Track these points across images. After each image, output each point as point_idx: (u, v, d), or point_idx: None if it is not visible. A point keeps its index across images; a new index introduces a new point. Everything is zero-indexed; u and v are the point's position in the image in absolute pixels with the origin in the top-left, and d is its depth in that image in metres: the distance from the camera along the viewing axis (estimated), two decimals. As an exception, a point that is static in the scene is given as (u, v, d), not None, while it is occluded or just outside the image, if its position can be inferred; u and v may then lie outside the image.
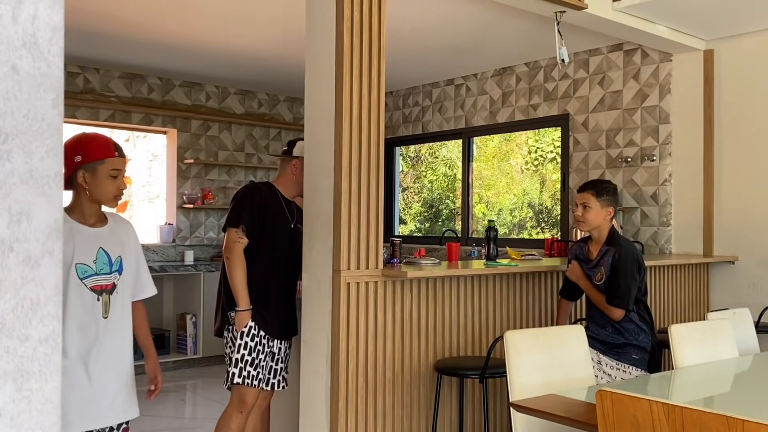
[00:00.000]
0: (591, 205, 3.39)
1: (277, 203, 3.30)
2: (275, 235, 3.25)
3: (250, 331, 3.17)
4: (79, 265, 2.30)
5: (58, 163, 0.73)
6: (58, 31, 0.73)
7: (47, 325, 0.72)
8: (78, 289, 2.30)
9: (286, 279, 3.31)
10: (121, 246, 2.44)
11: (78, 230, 2.34)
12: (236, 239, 3.15)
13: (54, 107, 0.72)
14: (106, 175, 2.35)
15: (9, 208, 0.69)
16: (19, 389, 0.70)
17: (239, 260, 3.14)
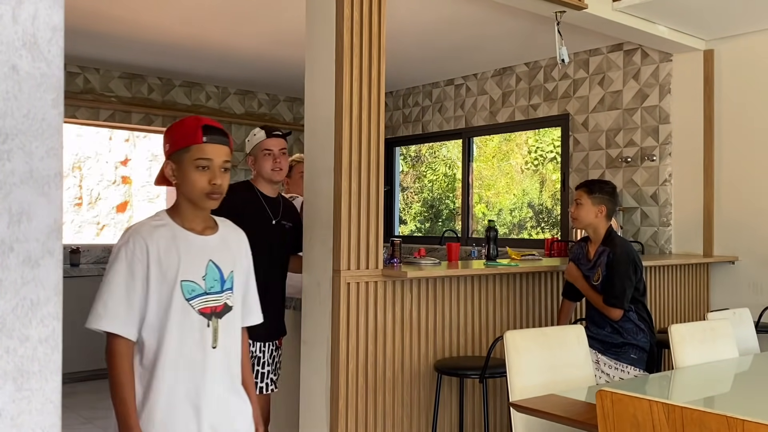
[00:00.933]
0: (582, 202, 3.43)
1: (256, 202, 3.13)
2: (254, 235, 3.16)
3: None
4: (185, 282, 1.88)
5: (58, 163, 0.73)
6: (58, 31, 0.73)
7: (47, 325, 0.72)
8: (184, 311, 1.87)
9: (268, 279, 3.08)
10: (233, 259, 2.02)
11: (183, 238, 1.92)
12: None
13: (54, 107, 0.72)
14: (191, 166, 1.90)
15: (9, 208, 0.69)
16: (19, 389, 0.70)
17: None
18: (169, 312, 1.86)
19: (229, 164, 1.95)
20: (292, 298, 3.61)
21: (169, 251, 1.88)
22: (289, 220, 3.21)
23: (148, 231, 1.89)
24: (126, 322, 1.84)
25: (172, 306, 1.86)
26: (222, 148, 1.93)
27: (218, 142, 1.93)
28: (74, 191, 7.00)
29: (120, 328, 1.83)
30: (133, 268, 1.85)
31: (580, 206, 3.44)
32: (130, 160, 7.30)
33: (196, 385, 1.88)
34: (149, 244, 1.86)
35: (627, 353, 3.30)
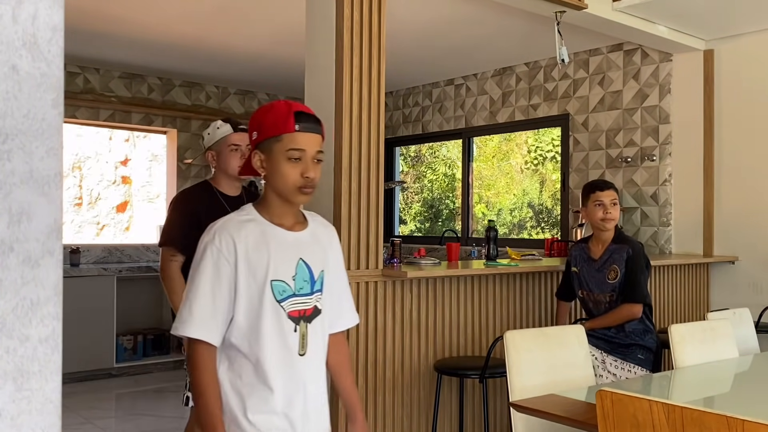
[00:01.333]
0: (617, 202, 3.45)
1: (216, 203, 2.94)
2: None
3: None
4: (276, 282, 1.71)
5: (57, 163, 0.73)
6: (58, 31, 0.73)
7: (47, 325, 0.72)
8: (276, 315, 1.71)
9: None
10: (324, 257, 1.84)
11: (273, 235, 1.75)
12: (169, 258, 2.88)
13: (54, 107, 0.72)
14: (282, 157, 1.71)
15: (9, 208, 0.69)
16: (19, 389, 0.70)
17: (175, 280, 2.85)
18: (261, 315, 1.70)
19: (322, 154, 1.77)
20: None
21: (259, 248, 1.71)
22: None
23: (236, 226, 1.73)
24: (211, 327, 1.69)
25: (263, 308, 1.70)
26: (315, 138, 1.74)
27: (311, 130, 1.73)
28: (74, 191, 7.00)
29: (205, 333, 1.69)
30: (220, 267, 1.70)
31: (617, 207, 3.44)
32: (130, 160, 7.30)
33: (287, 396, 1.73)
34: (237, 241, 1.70)
35: (634, 353, 3.30)
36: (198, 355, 1.70)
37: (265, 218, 1.77)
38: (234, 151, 2.94)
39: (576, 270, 3.54)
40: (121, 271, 6.06)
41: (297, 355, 1.74)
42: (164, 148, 7.28)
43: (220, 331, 1.71)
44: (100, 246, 6.53)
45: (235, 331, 1.71)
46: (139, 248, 6.73)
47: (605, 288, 3.39)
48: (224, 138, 2.95)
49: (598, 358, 3.28)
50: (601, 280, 3.42)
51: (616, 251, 3.39)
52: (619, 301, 3.35)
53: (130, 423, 4.68)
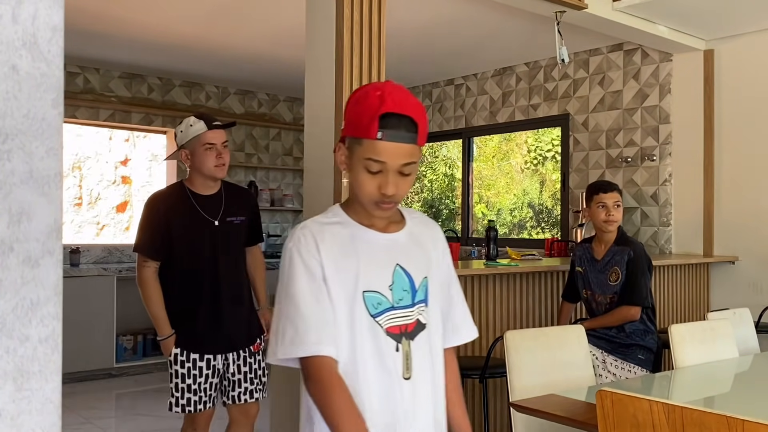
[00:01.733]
0: (621, 204, 3.44)
1: (187, 205, 2.83)
2: (191, 243, 2.82)
3: (176, 359, 2.82)
4: (369, 293, 1.45)
5: (57, 163, 0.73)
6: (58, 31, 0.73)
7: (47, 325, 0.72)
8: (371, 332, 1.44)
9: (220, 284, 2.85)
10: (426, 262, 1.58)
11: (363, 237, 1.50)
12: (142, 264, 2.81)
13: (54, 107, 0.72)
14: (360, 164, 1.45)
15: (9, 208, 0.69)
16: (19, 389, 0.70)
17: (149, 285, 2.79)
18: (353, 333, 1.43)
19: (413, 166, 1.51)
20: None
21: (347, 254, 1.46)
22: (239, 214, 2.92)
23: (318, 229, 1.48)
24: (329, 337, 1.41)
25: (355, 325, 1.43)
26: (402, 149, 1.44)
27: (399, 139, 1.43)
28: (74, 191, 7.00)
29: (326, 347, 1.39)
30: (314, 271, 1.44)
31: (620, 208, 3.43)
32: (130, 160, 7.30)
33: (391, 428, 1.45)
34: (320, 244, 1.45)
35: (634, 353, 3.30)
36: (324, 375, 1.39)
37: (353, 219, 1.51)
38: (209, 149, 2.79)
39: (581, 270, 3.53)
40: (121, 271, 6.06)
41: (401, 379, 1.46)
42: (164, 148, 7.28)
43: (335, 339, 1.42)
44: (100, 246, 6.54)
45: None
46: (139, 248, 6.72)
47: (607, 289, 3.39)
48: (198, 136, 2.80)
49: (598, 358, 3.28)
50: (603, 282, 3.42)
51: (618, 253, 3.39)
52: (619, 303, 3.35)
53: (130, 423, 4.68)
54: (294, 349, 1.40)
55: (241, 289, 2.94)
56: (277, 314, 1.47)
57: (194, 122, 2.82)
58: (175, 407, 2.84)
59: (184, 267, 2.82)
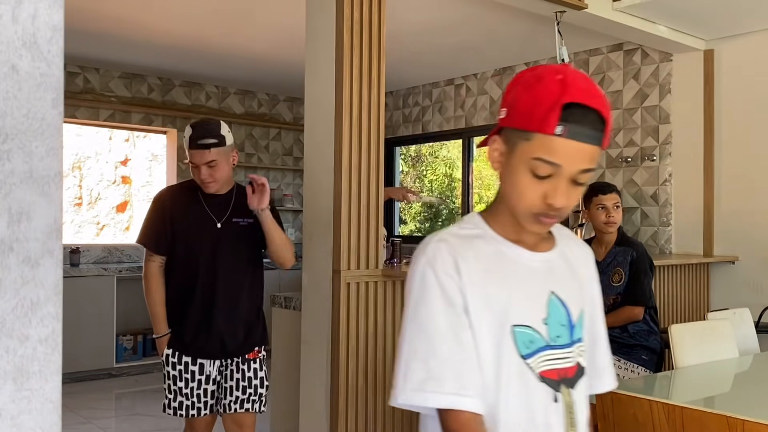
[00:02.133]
0: (620, 205, 3.44)
1: (193, 203, 2.77)
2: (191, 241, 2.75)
3: (168, 360, 2.78)
4: (519, 329, 1.17)
5: (58, 163, 0.73)
6: (58, 31, 0.73)
7: (47, 325, 0.72)
8: (521, 376, 1.16)
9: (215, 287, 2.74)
10: (581, 289, 1.29)
11: (510, 257, 1.22)
12: (148, 258, 2.79)
13: (54, 107, 0.72)
14: (523, 165, 1.17)
15: (9, 208, 0.69)
16: (19, 389, 0.70)
17: (152, 280, 2.76)
18: (498, 376, 1.15)
19: (590, 174, 1.17)
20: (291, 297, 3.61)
21: (490, 276, 1.17)
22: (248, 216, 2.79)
23: (457, 243, 1.19)
24: (469, 386, 1.12)
25: (502, 366, 1.15)
26: (584, 150, 1.12)
27: (583, 138, 1.11)
28: (74, 191, 7.00)
29: (469, 400, 1.12)
30: (452, 296, 1.15)
31: (619, 210, 3.43)
32: (130, 160, 7.30)
33: None
34: (461, 264, 1.17)
35: (638, 354, 3.30)
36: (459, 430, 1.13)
37: (497, 233, 1.23)
38: (193, 168, 2.71)
39: None
40: (121, 271, 6.06)
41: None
42: (164, 148, 7.28)
43: (480, 389, 1.14)
44: (100, 246, 6.54)
45: None
46: (139, 248, 6.72)
47: (609, 291, 3.39)
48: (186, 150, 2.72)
49: None
50: (605, 283, 3.41)
51: (620, 254, 3.39)
52: (623, 304, 3.35)
53: (130, 423, 4.68)
54: (425, 397, 1.14)
55: (240, 293, 2.79)
56: (404, 348, 1.17)
57: (187, 132, 2.70)
58: (167, 409, 2.84)
59: (182, 265, 2.76)
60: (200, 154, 2.66)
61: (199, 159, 2.67)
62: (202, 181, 2.70)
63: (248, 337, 2.81)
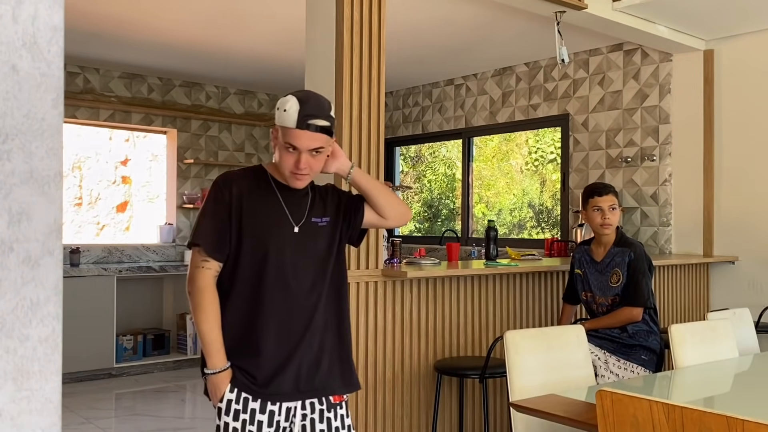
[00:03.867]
0: (616, 207, 3.43)
1: (267, 195, 2.12)
2: (264, 244, 2.08)
3: (229, 407, 2.05)
4: None
5: (58, 163, 0.73)
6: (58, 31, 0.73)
7: (47, 325, 0.72)
8: None
9: (295, 307, 2.10)
10: None
11: None
12: (199, 264, 2.05)
13: (54, 107, 0.72)
14: None
15: (9, 208, 0.69)
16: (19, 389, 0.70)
17: (207, 295, 2.04)
18: None
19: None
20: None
21: None
22: (325, 214, 2.18)
23: None
24: None
25: None
26: None
27: None
28: (74, 191, 7.00)
29: None
30: None
31: (616, 211, 3.42)
32: (130, 160, 7.30)
33: None
34: None
35: (638, 354, 3.31)
36: None
37: None
38: (289, 151, 2.04)
39: (580, 272, 3.54)
40: (121, 271, 6.06)
41: None
42: (164, 148, 7.28)
43: None
44: (100, 246, 6.54)
45: None
46: (139, 248, 6.73)
47: (608, 291, 3.40)
48: (284, 130, 2.06)
49: (601, 358, 3.28)
50: (603, 283, 3.42)
51: (618, 254, 3.39)
52: (621, 304, 3.35)
53: (130, 423, 4.68)
54: None
55: (340, 317, 2.19)
56: None
57: (289, 108, 2.04)
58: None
59: (249, 277, 2.07)
60: (309, 138, 2.02)
61: (306, 143, 2.02)
62: (294, 172, 2.04)
63: (339, 373, 2.16)
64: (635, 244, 3.44)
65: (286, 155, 2.05)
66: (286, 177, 2.08)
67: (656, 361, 3.34)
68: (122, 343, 6.12)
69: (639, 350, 3.31)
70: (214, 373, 2.06)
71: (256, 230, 2.07)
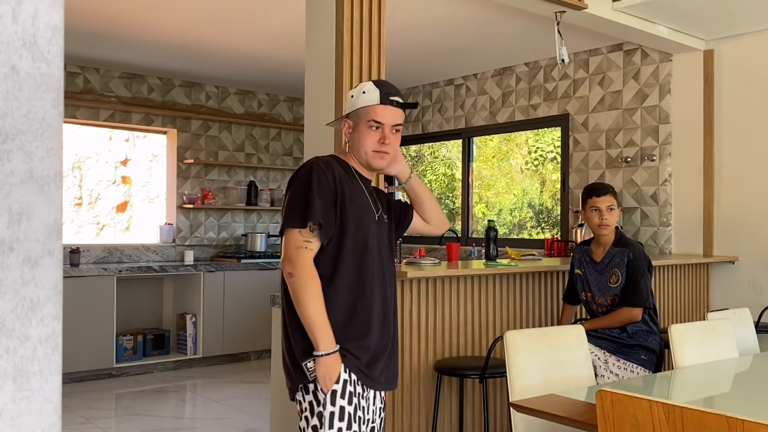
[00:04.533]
0: (614, 207, 3.42)
1: (356, 185, 2.16)
2: (365, 232, 2.12)
3: (345, 388, 1.99)
4: None
5: (58, 163, 0.73)
6: (58, 31, 0.73)
7: (47, 325, 0.72)
8: None
9: (387, 296, 2.16)
10: None
11: None
12: (301, 244, 2.00)
13: (54, 107, 0.72)
14: None
15: (9, 208, 0.69)
16: (19, 389, 0.70)
17: (311, 275, 1.99)
18: None
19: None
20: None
21: None
22: (384, 210, 2.25)
23: None
24: None
25: None
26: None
27: None
28: (74, 191, 7.00)
29: None
30: None
31: (613, 212, 3.42)
32: (130, 160, 7.30)
33: None
34: None
35: (637, 354, 3.31)
36: None
37: None
38: (373, 128, 2.13)
39: (580, 272, 3.54)
40: (121, 271, 6.06)
41: None
42: (164, 148, 7.28)
43: None
44: (100, 246, 6.54)
45: None
46: (139, 248, 6.73)
47: (607, 291, 3.40)
48: (365, 108, 2.13)
49: (600, 358, 3.28)
50: (603, 284, 3.42)
51: (617, 255, 3.39)
52: (620, 305, 3.35)
53: (130, 423, 4.68)
54: None
55: (395, 308, 2.24)
56: None
57: (368, 90, 2.15)
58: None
59: (354, 260, 2.07)
60: (393, 112, 2.13)
61: (391, 117, 2.13)
62: (378, 150, 2.13)
63: (396, 372, 2.23)
64: (634, 245, 3.43)
65: (368, 135, 2.12)
66: (368, 158, 2.14)
67: (656, 361, 3.35)
68: (122, 343, 6.12)
69: (639, 350, 3.31)
70: (328, 354, 1.95)
71: (357, 216, 2.09)
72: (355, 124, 2.16)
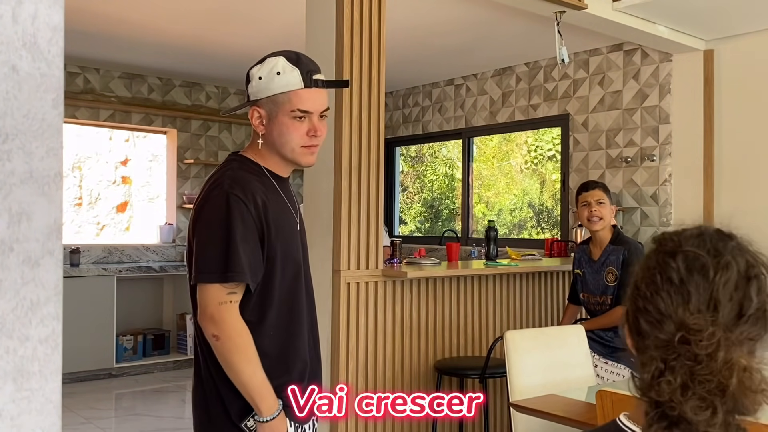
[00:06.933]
0: (604, 201, 3.43)
1: (275, 194, 1.77)
2: (292, 256, 1.78)
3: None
4: None
5: (58, 163, 0.73)
6: (58, 31, 0.73)
7: (47, 325, 0.72)
8: None
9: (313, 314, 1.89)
10: None
11: None
12: (224, 299, 1.63)
13: (54, 107, 0.72)
14: None
15: (9, 208, 0.69)
16: (19, 389, 0.70)
17: (243, 333, 1.64)
18: None
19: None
20: None
21: None
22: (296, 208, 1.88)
23: None
24: None
25: None
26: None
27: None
28: (74, 191, 7.00)
29: None
30: None
31: (604, 205, 3.42)
32: (130, 160, 7.30)
33: None
34: None
35: (627, 356, 3.29)
36: None
37: None
38: (298, 119, 1.71)
39: (579, 272, 3.54)
40: (121, 271, 6.06)
41: None
42: (164, 148, 7.28)
43: None
44: (100, 246, 6.54)
45: None
46: (139, 248, 6.73)
47: (606, 291, 3.39)
48: (288, 95, 1.70)
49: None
50: (600, 282, 3.42)
51: (613, 252, 3.40)
52: (615, 304, 3.35)
53: (130, 423, 4.68)
54: None
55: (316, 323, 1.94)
56: None
57: (284, 69, 1.72)
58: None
59: (287, 293, 1.76)
60: (320, 96, 1.73)
61: (320, 103, 1.73)
62: (308, 144, 1.74)
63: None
64: (630, 242, 3.43)
65: (293, 127, 1.70)
66: (296, 155, 1.73)
67: None
68: (122, 343, 6.12)
69: (628, 352, 3.30)
70: (273, 418, 1.65)
71: (284, 246, 1.75)
72: (270, 114, 1.72)
